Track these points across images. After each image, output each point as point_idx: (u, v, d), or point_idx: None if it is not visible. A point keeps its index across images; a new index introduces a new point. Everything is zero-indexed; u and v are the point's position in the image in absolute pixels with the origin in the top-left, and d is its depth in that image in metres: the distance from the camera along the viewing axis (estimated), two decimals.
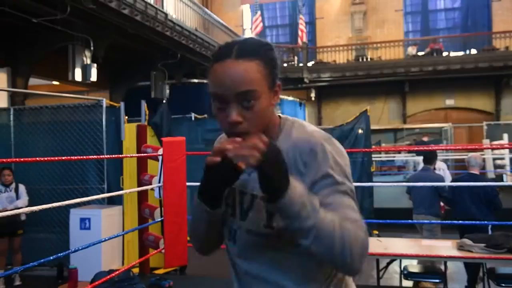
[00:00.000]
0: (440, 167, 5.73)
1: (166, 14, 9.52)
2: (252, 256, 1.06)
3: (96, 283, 3.61)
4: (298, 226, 0.90)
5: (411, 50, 16.04)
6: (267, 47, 1.03)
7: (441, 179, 5.53)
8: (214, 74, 0.99)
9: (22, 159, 3.30)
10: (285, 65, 16.34)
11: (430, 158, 5.58)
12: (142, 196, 4.77)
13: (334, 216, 0.92)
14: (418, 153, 11.45)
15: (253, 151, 0.87)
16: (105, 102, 5.61)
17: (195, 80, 12.05)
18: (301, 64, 16.00)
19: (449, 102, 16.56)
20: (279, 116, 1.11)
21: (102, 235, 4.59)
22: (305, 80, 15.61)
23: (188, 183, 4.35)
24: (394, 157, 16.22)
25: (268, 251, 1.04)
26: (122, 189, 5.29)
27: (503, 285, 3.94)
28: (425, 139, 12.13)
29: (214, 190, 0.97)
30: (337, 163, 1.00)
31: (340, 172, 1.00)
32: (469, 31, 16.91)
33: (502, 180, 11.98)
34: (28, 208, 3.12)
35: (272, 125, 1.07)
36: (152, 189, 4.60)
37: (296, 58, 16.64)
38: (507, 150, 11.96)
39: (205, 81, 11.97)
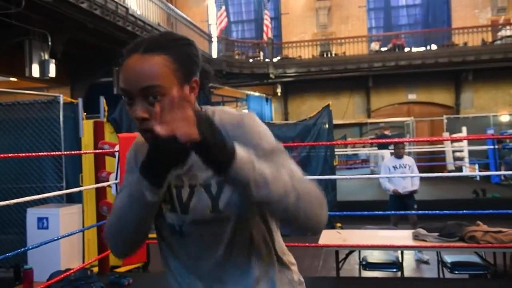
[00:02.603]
0: (407, 163, 5.87)
1: (127, 9, 9.36)
2: (204, 244, 1.05)
3: (51, 281, 3.53)
4: (252, 179, 0.86)
5: (375, 46, 16.34)
6: (181, 42, 1.01)
7: None
8: (122, 70, 0.97)
9: None
10: (250, 60, 16.36)
11: None
12: (100, 194, 4.68)
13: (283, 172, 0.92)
14: (380, 146, 11.69)
15: (189, 124, 0.80)
16: (62, 98, 5.47)
17: None
18: (266, 60, 16.05)
19: (411, 96, 16.97)
20: (200, 107, 1.08)
21: (60, 234, 4.48)
22: (271, 75, 15.67)
23: None
24: (358, 151, 16.56)
25: (217, 236, 1.03)
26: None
27: (456, 272, 4.09)
28: (387, 132, 12.40)
29: (161, 168, 0.89)
30: (265, 132, 1.01)
31: (270, 138, 1.01)
32: (430, 27, 17.35)
33: (461, 172, 12.37)
34: None
35: None
36: (109, 186, 4.53)
37: (261, 53, 16.68)
38: (465, 143, 12.38)
39: None
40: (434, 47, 16.04)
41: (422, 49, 16.21)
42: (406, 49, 15.99)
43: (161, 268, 1.17)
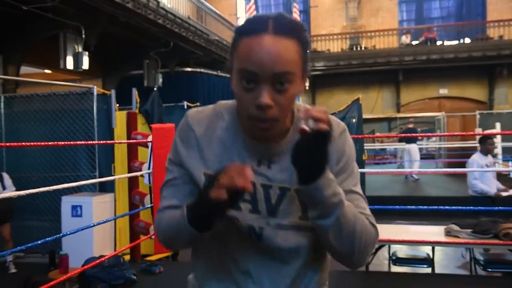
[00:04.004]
0: (493, 161, 5.39)
1: (158, 2, 9.45)
2: (279, 250, 0.97)
3: (86, 267, 3.63)
4: (329, 204, 0.86)
5: (405, 39, 16.04)
6: (303, 28, 0.93)
7: None
8: (247, 49, 0.87)
9: (13, 144, 3.30)
10: None
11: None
12: (133, 183, 4.78)
13: (353, 207, 0.92)
14: (408, 141, 11.51)
15: (325, 117, 0.78)
16: (96, 89, 5.59)
17: (188, 69, 12.00)
18: None
19: (443, 91, 16.61)
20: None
21: (93, 222, 4.60)
22: None
23: None
24: (387, 146, 16.33)
25: (301, 242, 0.97)
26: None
27: (489, 269, 4.01)
28: (411, 126, 12.20)
29: (208, 220, 0.89)
30: (353, 153, 1.01)
31: (354, 164, 1.00)
32: (464, 20, 16.91)
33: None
34: (18, 192, 3.13)
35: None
36: (142, 175, 4.61)
37: None
38: (499, 139, 12.05)
39: (198, 70, 11.93)
40: (467, 40, 15.64)
41: (455, 42, 15.83)
42: (438, 43, 15.63)
43: (188, 257, 1.13)
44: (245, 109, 0.89)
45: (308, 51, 0.93)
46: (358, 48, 16.12)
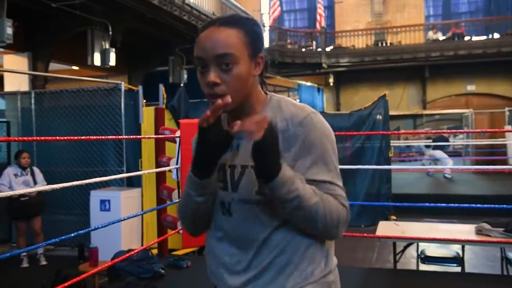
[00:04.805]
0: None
1: None
2: (248, 224, 1.09)
3: (116, 260, 3.68)
4: (284, 199, 1.00)
5: (432, 35, 15.74)
6: (251, 21, 1.11)
7: None
8: (198, 41, 1.07)
9: (43, 138, 3.36)
10: (303, 50, 16.21)
11: None
12: (160, 178, 4.82)
13: (317, 191, 1.04)
14: (435, 140, 11.31)
15: (259, 126, 0.94)
16: (123, 85, 5.66)
17: None
18: (319, 49, 15.85)
19: (470, 87, 16.26)
20: (265, 93, 1.16)
21: (121, 216, 4.66)
22: (323, 65, 15.47)
23: None
24: (412, 143, 16.07)
25: (261, 216, 1.08)
26: None
27: None
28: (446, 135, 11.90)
29: (207, 157, 1.03)
30: (327, 136, 1.09)
31: (329, 144, 1.09)
32: (492, 15, 16.48)
33: None
34: (50, 186, 3.19)
35: (257, 99, 1.12)
36: (170, 170, 4.65)
37: (314, 43, 16.48)
38: None
39: None
40: (496, 35, 15.24)
41: (483, 38, 15.45)
42: (466, 38, 15.29)
43: None
44: (203, 90, 1.06)
45: (257, 38, 1.08)
46: (384, 44, 15.88)
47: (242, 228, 1.10)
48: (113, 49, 8.51)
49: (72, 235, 3.19)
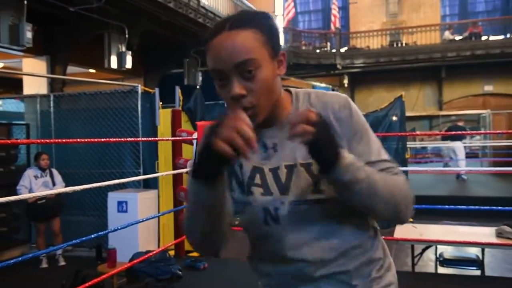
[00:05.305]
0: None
1: (198, 1, 9.57)
2: (302, 227, 0.99)
3: (135, 261, 3.71)
4: (353, 182, 0.91)
5: (448, 35, 15.57)
6: (263, 16, 0.99)
7: None
8: (210, 51, 0.94)
9: (61, 140, 3.40)
10: (317, 51, 16.16)
11: None
12: (177, 180, 4.85)
13: (379, 173, 0.97)
14: (453, 139, 11.16)
15: (307, 126, 0.83)
16: (140, 88, 5.71)
17: None
18: (334, 50, 15.79)
19: (488, 88, 16.04)
20: (288, 90, 1.07)
21: (138, 217, 4.70)
22: (338, 66, 15.41)
23: None
24: (428, 144, 15.91)
25: (319, 216, 0.99)
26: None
27: None
28: (460, 124, 11.78)
29: (213, 169, 0.86)
30: (363, 117, 1.05)
31: (367, 124, 1.05)
32: (510, 14, 16.25)
33: None
34: (71, 188, 3.23)
35: (283, 99, 1.03)
36: (187, 172, 4.67)
37: (328, 44, 16.43)
38: None
39: None
40: None
41: (501, 37, 15.23)
42: (483, 38, 15.09)
43: (232, 254, 1.16)
44: (228, 105, 0.95)
45: (274, 34, 0.97)
46: (399, 45, 15.76)
47: (295, 232, 1.00)
48: (129, 52, 8.60)
49: (93, 236, 3.21)
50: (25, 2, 6.18)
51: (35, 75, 8.09)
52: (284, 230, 1.00)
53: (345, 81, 16.39)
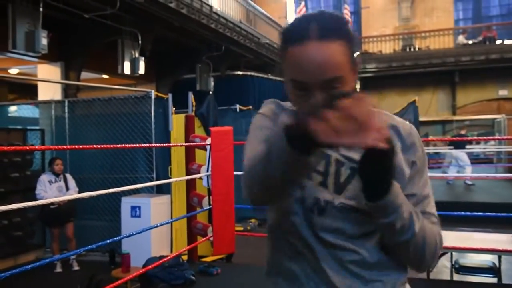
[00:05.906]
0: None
1: (211, 7, 9.60)
2: (343, 231, 0.95)
3: (149, 267, 3.72)
4: (388, 222, 0.88)
5: (462, 39, 15.45)
6: (346, 22, 0.92)
7: None
8: (294, 59, 0.87)
9: (75, 146, 3.44)
10: None
11: None
12: (191, 185, 4.86)
13: (420, 216, 0.94)
14: (456, 146, 11.05)
15: (383, 134, 0.72)
16: (153, 93, 5.74)
17: (239, 72, 12.10)
18: None
19: (502, 92, 15.86)
20: None
21: (151, 222, 4.72)
22: None
23: (235, 172, 4.40)
24: (443, 149, 15.74)
25: (360, 226, 0.95)
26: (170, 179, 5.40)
27: None
28: (463, 132, 11.65)
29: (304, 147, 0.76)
30: (424, 152, 1.02)
31: (426, 163, 1.02)
32: None
33: None
34: (86, 193, 3.25)
35: None
36: (200, 178, 4.68)
37: None
38: None
39: (249, 73, 12.00)
40: None
41: None
42: (498, 42, 14.94)
43: (244, 259, 1.11)
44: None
45: (355, 45, 0.91)
46: (412, 49, 15.67)
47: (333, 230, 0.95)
48: (143, 58, 8.65)
49: (108, 241, 3.23)
50: (41, 9, 6.26)
51: (49, 81, 8.18)
52: (324, 224, 0.95)
53: (357, 86, 16.28)
